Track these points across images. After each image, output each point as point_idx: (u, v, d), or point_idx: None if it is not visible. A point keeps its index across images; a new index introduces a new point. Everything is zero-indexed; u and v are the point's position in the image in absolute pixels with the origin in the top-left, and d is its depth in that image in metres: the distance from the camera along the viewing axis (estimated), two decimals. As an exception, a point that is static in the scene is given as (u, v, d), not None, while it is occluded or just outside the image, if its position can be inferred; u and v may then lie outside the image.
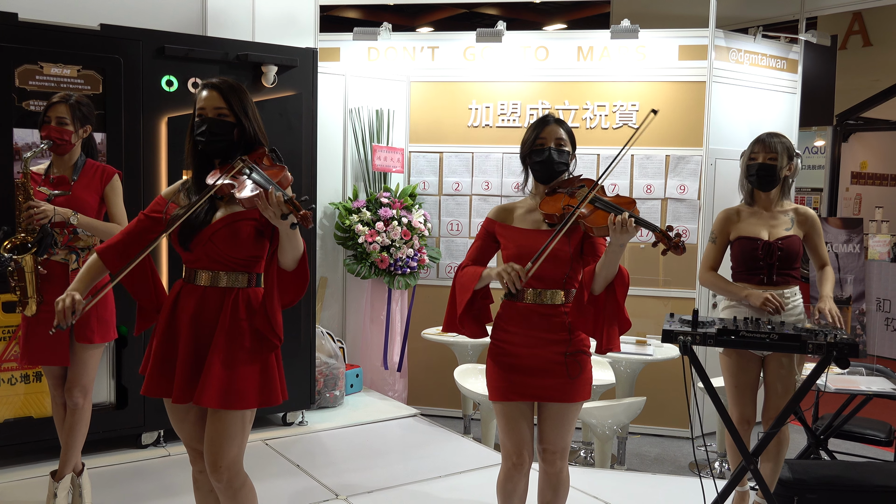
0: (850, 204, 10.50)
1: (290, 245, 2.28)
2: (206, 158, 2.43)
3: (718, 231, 3.38)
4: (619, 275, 2.49)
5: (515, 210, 2.70)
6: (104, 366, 3.96)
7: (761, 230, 3.28)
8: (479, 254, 2.71)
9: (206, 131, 2.37)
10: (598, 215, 2.49)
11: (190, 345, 2.36)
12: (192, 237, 2.35)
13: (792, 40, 5.63)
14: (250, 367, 2.35)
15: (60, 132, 3.14)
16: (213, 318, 2.36)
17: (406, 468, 4.01)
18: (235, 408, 2.32)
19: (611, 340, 2.54)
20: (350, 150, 5.44)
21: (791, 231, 3.28)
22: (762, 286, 3.25)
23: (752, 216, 3.33)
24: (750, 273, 3.28)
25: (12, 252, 3.02)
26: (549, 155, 2.62)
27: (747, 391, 3.30)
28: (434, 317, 5.41)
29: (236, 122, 2.40)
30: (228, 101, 2.39)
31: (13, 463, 3.81)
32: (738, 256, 3.31)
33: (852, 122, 10.44)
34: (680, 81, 5.20)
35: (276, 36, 4.85)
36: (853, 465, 3.82)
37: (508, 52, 5.42)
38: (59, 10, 4.14)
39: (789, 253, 3.23)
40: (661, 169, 5.21)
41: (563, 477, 2.69)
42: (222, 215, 2.37)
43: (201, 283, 2.38)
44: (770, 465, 3.30)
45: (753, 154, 3.31)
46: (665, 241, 2.42)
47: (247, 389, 2.33)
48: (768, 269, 3.24)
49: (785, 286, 3.26)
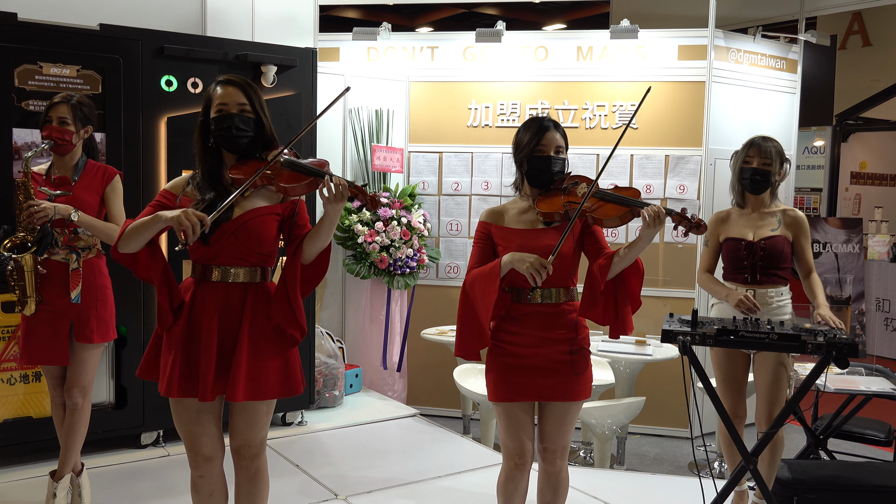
0: (850, 204, 10.51)
1: (327, 233, 2.37)
2: (219, 155, 2.44)
3: (710, 234, 3.48)
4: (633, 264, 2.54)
5: (506, 212, 2.68)
6: (104, 366, 3.96)
7: (747, 231, 3.36)
8: (483, 257, 2.69)
9: (231, 126, 2.38)
10: (607, 208, 2.53)
11: (215, 343, 2.37)
12: (212, 231, 2.33)
13: (791, 40, 5.63)
14: (275, 359, 2.42)
15: (62, 132, 3.13)
16: (238, 314, 2.40)
17: (406, 468, 4.01)
18: (264, 398, 2.41)
19: (624, 322, 2.59)
20: (350, 150, 5.44)
21: (777, 231, 3.33)
22: (747, 285, 3.34)
23: (741, 217, 3.42)
24: (735, 272, 3.39)
25: (12, 251, 3.02)
26: (550, 164, 2.62)
27: (733, 384, 3.38)
28: (434, 317, 5.41)
29: (256, 118, 2.42)
30: (249, 98, 2.42)
31: (13, 463, 3.81)
32: (726, 256, 3.42)
33: (852, 122, 10.44)
34: (679, 81, 5.20)
35: (275, 36, 4.85)
36: (852, 465, 3.82)
37: (508, 52, 5.42)
38: (58, 10, 4.14)
39: (772, 252, 3.30)
40: (660, 169, 5.21)
41: (563, 476, 2.69)
42: (243, 211, 2.39)
43: (220, 280, 2.39)
44: (765, 468, 3.32)
45: (748, 158, 3.37)
46: (685, 222, 2.46)
47: (273, 380, 2.42)
48: (752, 268, 3.32)
49: (771, 286, 3.33)
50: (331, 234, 2.40)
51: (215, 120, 2.40)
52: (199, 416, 2.43)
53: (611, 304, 2.57)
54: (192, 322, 2.40)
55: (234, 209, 2.38)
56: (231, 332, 2.39)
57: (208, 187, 2.39)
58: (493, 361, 2.66)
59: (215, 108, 2.40)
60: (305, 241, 2.41)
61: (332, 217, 2.35)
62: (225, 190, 2.39)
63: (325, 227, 2.37)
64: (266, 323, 2.41)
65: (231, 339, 2.39)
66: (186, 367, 2.38)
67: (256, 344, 2.39)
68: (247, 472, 2.51)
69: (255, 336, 2.40)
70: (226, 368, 2.39)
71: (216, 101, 2.41)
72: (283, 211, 2.44)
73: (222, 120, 2.39)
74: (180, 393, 2.37)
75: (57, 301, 3.13)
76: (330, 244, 2.45)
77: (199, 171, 2.45)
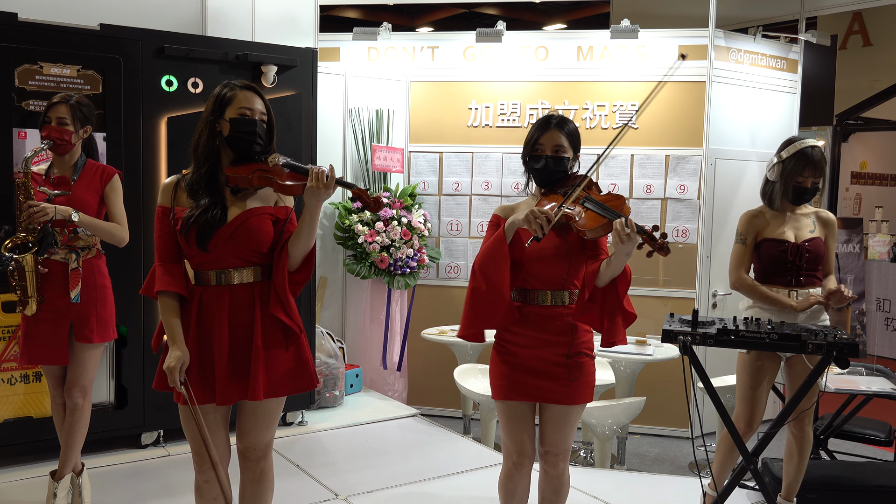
0: (850, 204, 10.50)
1: (308, 231, 2.38)
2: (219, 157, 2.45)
3: (746, 232, 3.31)
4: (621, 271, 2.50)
5: (517, 210, 2.67)
6: (104, 366, 3.96)
7: (787, 232, 3.25)
8: None
9: (254, 132, 2.41)
10: (590, 217, 2.49)
11: (226, 347, 2.40)
12: (209, 237, 2.35)
13: (792, 40, 5.63)
14: (289, 355, 2.45)
15: (61, 132, 3.13)
16: (247, 315, 2.41)
17: (406, 468, 4.01)
18: (283, 395, 2.45)
19: (614, 333, 2.54)
20: (350, 150, 5.44)
21: (815, 233, 3.26)
22: (789, 287, 3.23)
23: (776, 218, 3.29)
24: (777, 275, 3.25)
25: (13, 251, 3.02)
26: (546, 163, 2.61)
27: (761, 393, 3.23)
28: (434, 317, 5.41)
29: (268, 128, 2.49)
30: (267, 108, 2.48)
31: (13, 463, 3.81)
32: (766, 258, 3.27)
33: (852, 122, 10.43)
34: (680, 81, 5.20)
35: (275, 36, 4.85)
36: (853, 465, 3.82)
37: (508, 52, 5.42)
38: (58, 10, 4.14)
39: (816, 255, 3.23)
40: (660, 169, 5.21)
41: (564, 478, 2.69)
42: (239, 211, 2.40)
43: (225, 283, 2.41)
44: (793, 466, 3.29)
45: (802, 178, 3.22)
46: (650, 241, 2.41)
47: (289, 377, 2.45)
48: (796, 270, 3.22)
49: (810, 286, 3.25)
50: (312, 233, 2.39)
51: (236, 122, 2.40)
52: (219, 420, 2.47)
53: (602, 312, 2.54)
54: (201, 329, 2.41)
55: (228, 212, 2.39)
56: (242, 334, 2.41)
57: (204, 191, 2.39)
58: (496, 359, 2.67)
59: (237, 111, 2.41)
60: (290, 242, 2.41)
61: (312, 211, 2.35)
62: (220, 194, 2.40)
63: (305, 224, 2.37)
64: (275, 320, 2.43)
65: (242, 341, 2.41)
66: (200, 374, 2.40)
67: (269, 342, 2.42)
68: (252, 475, 2.52)
69: (268, 334, 2.42)
70: (239, 372, 2.41)
71: (238, 104, 2.41)
72: (277, 213, 2.46)
73: (246, 124, 2.40)
74: (202, 401, 2.39)
75: (56, 301, 3.13)
76: (314, 249, 2.45)
77: (196, 170, 2.43)
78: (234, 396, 2.41)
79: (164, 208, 2.44)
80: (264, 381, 2.39)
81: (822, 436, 4.17)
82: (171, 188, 2.44)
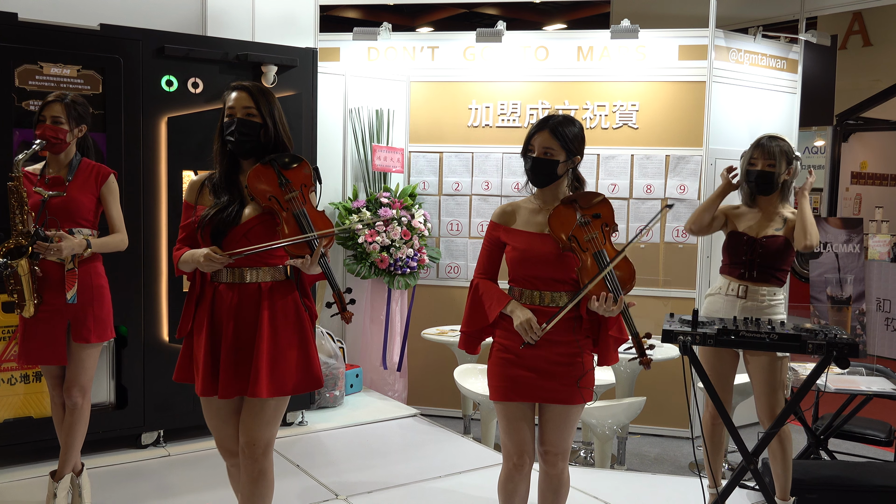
0: (850, 204, 10.51)
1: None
2: (235, 158, 2.52)
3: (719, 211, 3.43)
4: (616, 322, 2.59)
5: (518, 211, 2.67)
6: (104, 366, 3.96)
7: (751, 226, 3.35)
8: (490, 262, 2.69)
9: (234, 131, 2.45)
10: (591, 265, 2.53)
11: (232, 341, 2.45)
12: (223, 236, 2.43)
13: (792, 40, 5.62)
14: (295, 354, 2.49)
15: (55, 131, 3.12)
16: (254, 314, 2.46)
17: (406, 468, 4.01)
18: (287, 393, 2.48)
19: (607, 359, 2.66)
20: (350, 150, 5.43)
21: (781, 232, 3.31)
22: (742, 280, 3.33)
23: (747, 213, 3.41)
24: (732, 266, 3.38)
25: (7, 256, 3.01)
26: (532, 164, 2.59)
27: (720, 382, 3.32)
28: (434, 317, 5.41)
29: (262, 122, 2.47)
30: (256, 102, 2.48)
31: (13, 463, 3.81)
32: (726, 249, 3.42)
33: (852, 122, 10.44)
34: (680, 81, 5.20)
35: (275, 36, 4.85)
36: (853, 465, 3.82)
37: (508, 52, 5.42)
38: (58, 10, 4.14)
39: (771, 251, 3.28)
40: (660, 169, 5.21)
41: (564, 479, 2.69)
42: (253, 212, 2.46)
43: (237, 282, 2.47)
44: (779, 465, 3.29)
45: (753, 160, 3.37)
46: (638, 348, 2.53)
47: (294, 375, 2.48)
48: (749, 264, 3.31)
49: (764, 284, 3.31)
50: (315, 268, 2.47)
51: (223, 126, 2.49)
52: (224, 414, 2.53)
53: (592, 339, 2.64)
54: (214, 324, 2.48)
55: (243, 212, 2.45)
56: (248, 332, 2.46)
57: (224, 190, 2.48)
58: (494, 361, 2.66)
59: (225, 114, 2.49)
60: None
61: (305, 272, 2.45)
62: (240, 193, 2.48)
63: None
64: (284, 320, 2.48)
65: (248, 338, 2.46)
66: (212, 368, 2.46)
67: (276, 341, 2.46)
68: (250, 473, 2.53)
69: (274, 333, 2.46)
70: (243, 367, 2.45)
71: (226, 106, 2.50)
72: None
73: (228, 126, 2.47)
74: (207, 392, 2.47)
75: (54, 301, 3.12)
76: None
77: (216, 172, 2.54)
78: (235, 391, 2.46)
79: (188, 204, 2.55)
80: (268, 378, 2.42)
81: (822, 436, 4.17)
82: (196, 186, 2.55)
